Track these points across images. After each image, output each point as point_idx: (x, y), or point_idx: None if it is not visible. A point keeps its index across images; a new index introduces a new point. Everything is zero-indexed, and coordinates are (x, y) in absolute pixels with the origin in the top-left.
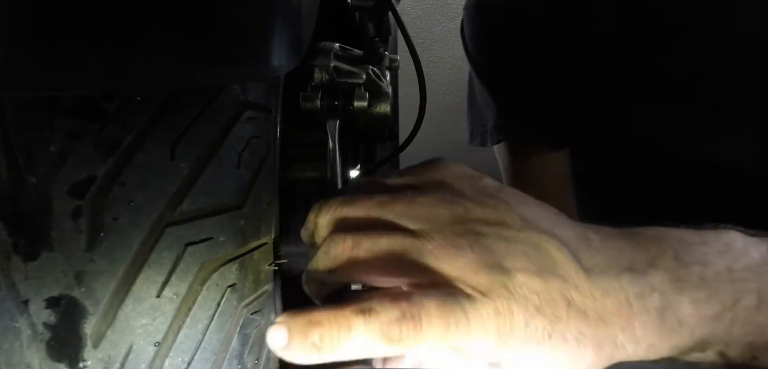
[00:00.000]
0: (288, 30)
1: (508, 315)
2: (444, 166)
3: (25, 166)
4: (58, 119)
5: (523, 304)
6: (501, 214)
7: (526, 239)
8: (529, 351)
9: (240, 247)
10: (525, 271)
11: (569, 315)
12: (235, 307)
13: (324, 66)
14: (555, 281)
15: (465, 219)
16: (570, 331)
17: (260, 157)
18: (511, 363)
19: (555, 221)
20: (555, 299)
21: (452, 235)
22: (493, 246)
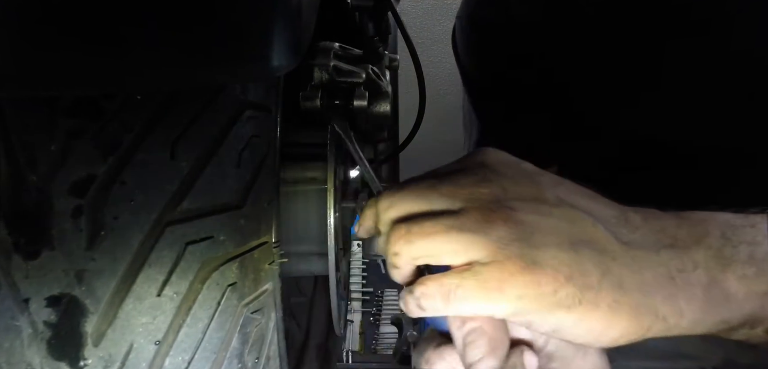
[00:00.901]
0: (288, 30)
1: (535, 284)
2: (486, 152)
3: (26, 166)
4: (58, 119)
5: (552, 274)
6: (537, 191)
7: (561, 214)
8: (559, 315)
9: (240, 246)
10: (556, 244)
11: (602, 284)
12: (235, 305)
13: (324, 65)
14: (588, 252)
15: (502, 197)
16: (603, 299)
17: (260, 156)
18: (544, 325)
19: (593, 199)
20: (587, 269)
21: (489, 211)
22: (525, 220)
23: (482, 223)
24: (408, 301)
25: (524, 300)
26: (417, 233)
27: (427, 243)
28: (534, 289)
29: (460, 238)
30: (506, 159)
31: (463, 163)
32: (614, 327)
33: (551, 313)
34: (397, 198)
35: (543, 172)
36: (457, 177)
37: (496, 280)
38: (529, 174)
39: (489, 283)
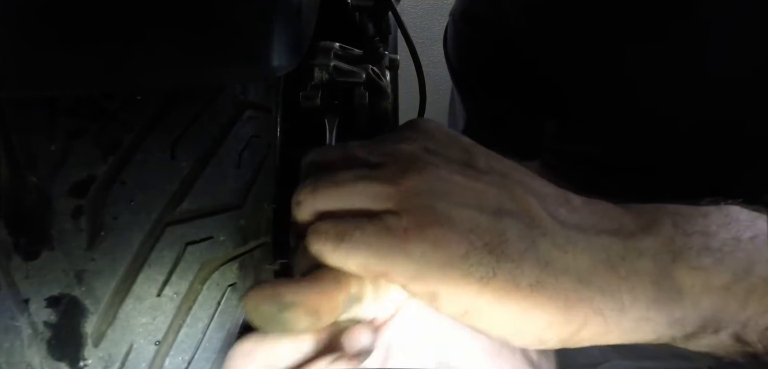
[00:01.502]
0: (288, 30)
1: (444, 241)
2: (422, 120)
3: (26, 166)
4: (58, 119)
5: (465, 236)
6: (467, 157)
7: (489, 180)
8: (471, 290)
9: (240, 246)
10: (477, 207)
11: (524, 258)
12: (235, 306)
13: (324, 65)
14: (513, 221)
15: (419, 154)
16: (523, 275)
17: (260, 156)
18: (452, 302)
19: (530, 176)
20: (509, 239)
21: (406, 162)
22: (446, 177)
23: (396, 173)
24: (299, 248)
25: (429, 260)
26: (325, 181)
27: (333, 191)
28: (442, 248)
29: (368, 189)
30: (440, 127)
31: (396, 129)
32: (538, 315)
33: (460, 284)
34: (324, 151)
35: (478, 145)
36: (384, 137)
37: (401, 229)
38: (463, 143)
39: (392, 232)
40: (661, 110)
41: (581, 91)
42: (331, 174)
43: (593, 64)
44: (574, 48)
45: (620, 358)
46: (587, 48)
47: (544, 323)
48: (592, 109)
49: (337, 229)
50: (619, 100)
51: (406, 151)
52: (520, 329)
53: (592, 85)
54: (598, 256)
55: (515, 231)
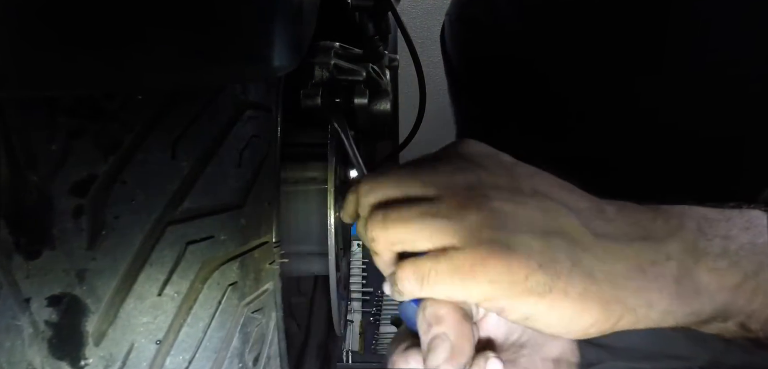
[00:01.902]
0: (289, 30)
1: (507, 269)
2: (465, 143)
3: (27, 166)
4: (59, 118)
5: (523, 261)
6: (513, 181)
7: (535, 204)
8: (531, 302)
9: (241, 245)
10: (529, 232)
11: (572, 273)
12: (235, 305)
13: (324, 64)
14: (560, 242)
15: (477, 185)
16: (573, 287)
17: (261, 156)
18: (515, 312)
19: (568, 191)
20: (559, 258)
21: (463, 198)
22: (499, 208)
23: (456, 209)
24: (389, 285)
25: (496, 285)
26: (393, 219)
27: (402, 228)
28: (506, 274)
29: (434, 224)
30: (485, 150)
31: (443, 152)
32: (584, 317)
33: (523, 299)
34: (376, 183)
35: (520, 163)
36: (435, 165)
37: (469, 264)
38: (506, 165)
39: (462, 267)
40: (658, 115)
41: (576, 96)
42: (397, 210)
43: (588, 70)
44: (569, 53)
45: (615, 359)
46: (582, 53)
47: (589, 322)
48: (587, 114)
49: (416, 273)
50: (614, 105)
51: (460, 183)
52: (570, 327)
53: (587, 90)
54: (630, 262)
55: (563, 250)
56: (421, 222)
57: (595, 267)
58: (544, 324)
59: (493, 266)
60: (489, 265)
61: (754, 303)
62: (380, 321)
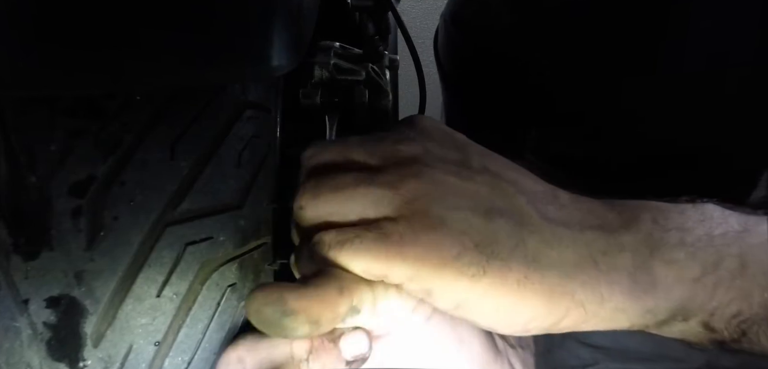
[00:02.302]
0: (288, 30)
1: (438, 245)
2: (418, 117)
3: (26, 166)
4: (58, 119)
5: (457, 237)
6: (462, 156)
7: (482, 180)
8: (462, 286)
9: (240, 246)
10: (469, 208)
11: (512, 256)
12: (235, 306)
13: (324, 63)
14: (503, 221)
15: (421, 156)
16: (511, 272)
17: (260, 156)
18: (446, 297)
19: (522, 173)
20: (499, 239)
21: (403, 166)
22: (441, 179)
23: (396, 177)
24: (301, 250)
25: (425, 262)
26: (325, 186)
27: (334, 197)
28: (436, 251)
29: (368, 193)
30: (438, 125)
31: (397, 125)
32: (524, 308)
33: (453, 282)
34: (321, 147)
35: (474, 143)
36: (382, 135)
37: (398, 235)
38: (458, 141)
39: (390, 237)
40: (651, 117)
41: (568, 98)
42: (332, 177)
43: (583, 73)
44: (562, 54)
45: (610, 360)
46: (575, 55)
47: (529, 315)
48: (579, 116)
49: (338, 238)
50: (607, 107)
51: (404, 153)
52: (507, 320)
53: (581, 94)
54: (581, 251)
55: (505, 230)
56: (355, 189)
57: (540, 252)
58: (477, 314)
59: (424, 240)
60: (420, 238)
61: (715, 299)
62: None
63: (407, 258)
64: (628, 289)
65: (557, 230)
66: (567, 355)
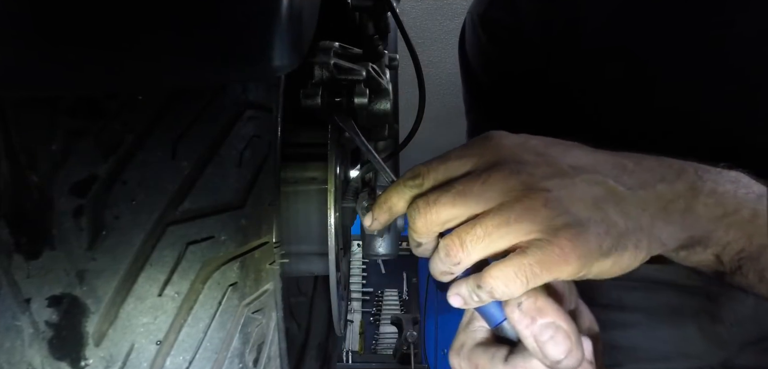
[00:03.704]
0: (289, 30)
1: (586, 244)
2: (497, 141)
3: (27, 166)
4: (59, 119)
5: (594, 233)
6: (555, 167)
7: (580, 180)
8: (603, 262)
9: (241, 246)
10: (587, 207)
11: (628, 229)
12: (236, 305)
13: (324, 63)
14: (610, 206)
15: (531, 183)
16: (630, 241)
17: (261, 156)
18: (591, 272)
19: (594, 157)
20: (614, 220)
21: (526, 199)
22: (557, 196)
23: (526, 211)
24: (472, 293)
25: (582, 259)
26: (471, 240)
27: (482, 245)
28: (587, 248)
29: (511, 230)
30: (517, 141)
31: (479, 157)
32: (638, 258)
33: (598, 262)
34: (431, 213)
35: (548, 142)
36: (484, 177)
37: (558, 250)
38: (541, 152)
39: (552, 254)
40: (687, 118)
41: (595, 104)
42: (471, 233)
43: (605, 74)
44: (591, 58)
45: (632, 361)
46: (604, 61)
47: (640, 260)
48: (605, 122)
49: (516, 269)
50: (635, 106)
51: (517, 186)
52: (628, 268)
53: (610, 103)
54: (657, 205)
55: (614, 211)
56: (498, 232)
57: (639, 217)
58: (609, 273)
59: (578, 246)
60: (575, 246)
61: (729, 235)
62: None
63: (571, 262)
64: (680, 225)
65: (639, 194)
66: None
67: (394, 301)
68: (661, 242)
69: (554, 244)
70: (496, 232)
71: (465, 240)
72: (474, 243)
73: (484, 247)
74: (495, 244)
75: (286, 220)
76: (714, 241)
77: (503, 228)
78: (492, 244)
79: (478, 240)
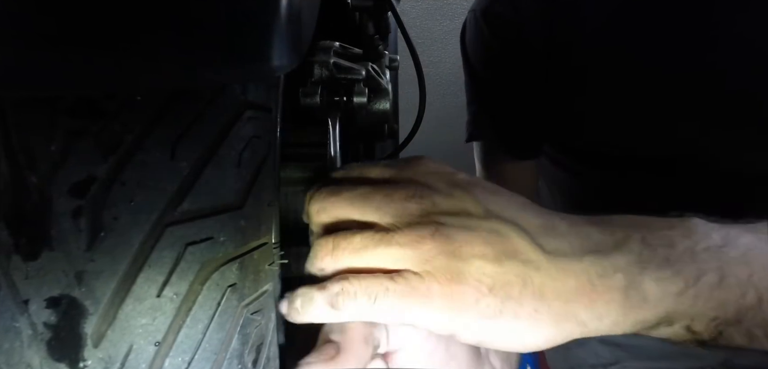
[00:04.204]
0: (289, 30)
1: (459, 295)
2: (421, 163)
3: (26, 166)
4: (58, 119)
5: (475, 286)
6: (466, 204)
7: (488, 227)
8: (483, 324)
9: (240, 246)
10: (481, 256)
11: (523, 294)
12: (235, 306)
13: (324, 62)
14: (511, 264)
15: (431, 212)
16: (523, 309)
17: (261, 156)
18: (467, 333)
19: (521, 209)
20: (510, 281)
21: (418, 226)
22: (453, 234)
23: (411, 238)
24: (314, 297)
25: (449, 310)
26: (344, 248)
27: (353, 257)
28: (458, 300)
29: (388, 253)
30: (439, 169)
31: (399, 172)
32: (536, 335)
33: (474, 323)
34: (328, 203)
35: (476, 182)
36: (389, 190)
37: (424, 288)
38: (461, 186)
39: (417, 290)
40: (680, 116)
41: (593, 99)
42: (349, 240)
43: (606, 72)
44: (589, 54)
45: (631, 359)
46: (609, 63)
47: (540, 339)
48: (605, 116)
49: (367, 291)
50: (637, 103)
51: (415, 211)
52: (520, 344)
53: (612, 97)
54: (581, 278)
55: (514, 271)
56: (374, 251)
57: (545, 286)
58: (497, 343)
59: (447, 292)
60: (443, 290)
61: (696, 307)
62: None
63: (434, 308)
64: (621, 305)
65: (559, 262)
66: (586, 354)
67: None
68: (580, 322)
69: (424, 282)
70: (373, 250)
71: (339, 244)
72: (346, 252)
73: (354, 262)
74: (367, 261)
75: (286, 220)
76: (678, 317)
77: (381, 248)
78: (364, 261)
79: (352, 251)
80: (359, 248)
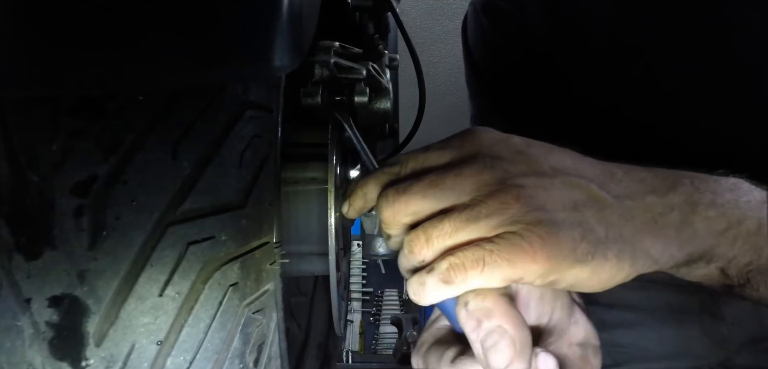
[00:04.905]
0: (290, 30)
1: (557, 245)
2: (477, 136)
3: (28, 166)
4: (60, 118)
5: (569, 235)
6: (532, 165)
7: (559, 182)
8: (578, 270)
9: (242, 246)
10: (564, 209)
11: (607, 237)
12: (236, 306)
13: (324, 62)
14: (590, 212)
15: (505, 178)
16: (610, 251)
17: (262, 156)
18: (564, 281)
19: (579, 162)
20: (594, 227)
21: (499, 193)
22: (534, 193)
23: (497, 206)
24: (426, 280)
25: (551, 261)
26: (437, 236)
27: (449, 240)
28: (558, 250)
29: (478, 226)
30: (497, 136)
31: (458, 149)
32: (620, 272)
33: (571, 269)
34: (401, 203)
35: (531, 142)
36: (458, 170)
37: (525, 244)
38: (522, 150)
39: (519, 246)
40: (691, 107)
41: (598, 89)
42: (438, 226)
43: (613, 69)
44: (593, 46)
45: (631, 361)
46: (608, 51)
47: (623, 275)
48: (609, 107)
49: (474, 258)
50: (643, 95)
51: (491, 181)
52: (609, 283)
53: (611, 89)
54: (645, 216)
55: (594, 217)
56: (465, 228)
57: (622, 227)
58: (587, 286)
59: (549, 244)
60: (545, 243)
61: (734, 249)
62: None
63: (538, 261)
64: (677, 241)
65: (625, 204)
66: None
67: (394, 301)
68: (650, 257)
69: (523, 238)
70: (465, 228)
71: (431, 235)
72: (441, 239)
73: (450, 244)
74: (461, 240)
75: (287, 220)
76: (717, 256)
77: (472, 224)
78: (458, 240)
79: (445, 236)
80: (451, 231)
